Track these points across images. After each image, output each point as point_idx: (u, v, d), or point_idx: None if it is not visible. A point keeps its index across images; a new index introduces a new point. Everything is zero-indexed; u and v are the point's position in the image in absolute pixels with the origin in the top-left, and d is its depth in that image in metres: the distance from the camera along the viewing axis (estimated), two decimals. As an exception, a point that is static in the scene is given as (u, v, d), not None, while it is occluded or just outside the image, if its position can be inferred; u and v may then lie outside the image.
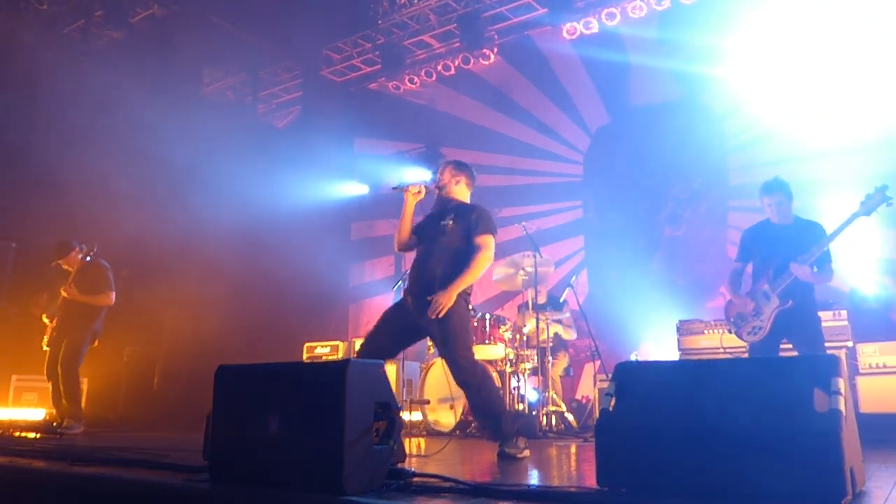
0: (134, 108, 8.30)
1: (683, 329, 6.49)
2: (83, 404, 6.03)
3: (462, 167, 4.52)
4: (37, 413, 6.82)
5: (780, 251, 4.65)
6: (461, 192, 4.64)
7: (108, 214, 7.22)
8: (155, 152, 8.18)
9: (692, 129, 8.47)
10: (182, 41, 9.45)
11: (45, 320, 6.27)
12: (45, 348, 5.88)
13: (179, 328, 8.53)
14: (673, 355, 6.63)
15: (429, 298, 3.88)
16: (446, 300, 3.90)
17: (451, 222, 4.31)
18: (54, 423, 5.69)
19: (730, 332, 4.90)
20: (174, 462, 2.71)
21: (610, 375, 2.22)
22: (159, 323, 8.41)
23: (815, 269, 4.52)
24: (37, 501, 2.48)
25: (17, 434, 4.92)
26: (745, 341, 4.75)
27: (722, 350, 5.93)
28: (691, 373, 2.19)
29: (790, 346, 4.74)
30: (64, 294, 5.96)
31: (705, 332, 6.36)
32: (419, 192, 4.21)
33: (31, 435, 5.09)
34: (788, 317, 4.56)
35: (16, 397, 6.94)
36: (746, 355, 5.00)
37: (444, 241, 4.20)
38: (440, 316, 3.82)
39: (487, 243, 4.26)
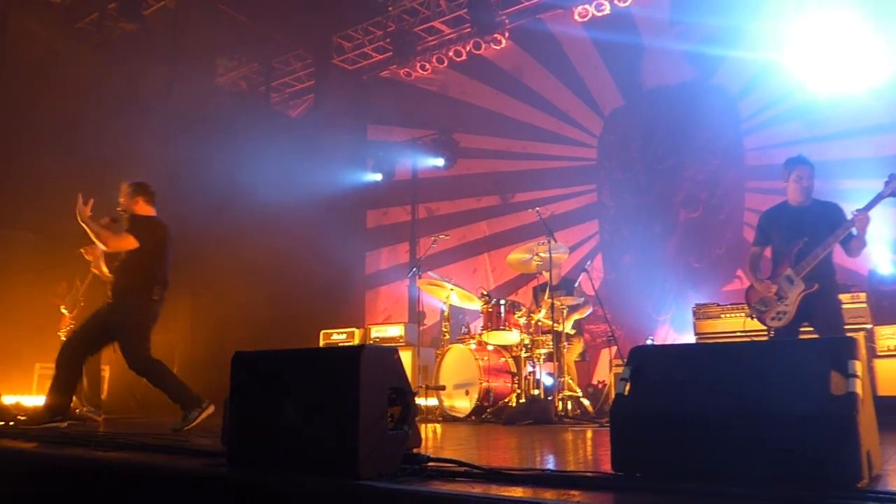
0: (149, 100, 8.35)
1: (700, 313, 6.45)
2: (104, 392, 6.11)
3: (138, 187, 5.17)
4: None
5: (801, 234, 4.59)
6: (141, 209, 5.12)
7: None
8: (170, 143, 8.23)
9: (707, 110, 8.39)
10: (195, 32, 9.47)
11: (64, 311, 6.35)
12: (61, 336, 5.96)
13: (198, 316, 8.61)
14: (689, 340, 6.61)
15: None
16: None
17: None
18: (76, 410, 5.78)
19: (751, 317, 4.86)
20: (194, 447, 2.75)
21: (625, 360, 2.21)
22: (179, 311, 8.48)
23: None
24: (61, 485, 2.53)
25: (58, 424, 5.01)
26: (769, 326, 4.70)
27: (741, 334, 5.90)
28: (707, 356, 2.18)
29: (810, 329, 4.70)
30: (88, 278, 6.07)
31: (722, 316, 6.32)
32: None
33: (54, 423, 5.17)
34: (812, 301, 4.52)
35: (39, 385, 7.04)
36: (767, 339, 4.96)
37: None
38: None
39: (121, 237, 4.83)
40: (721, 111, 8.36)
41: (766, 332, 4.83)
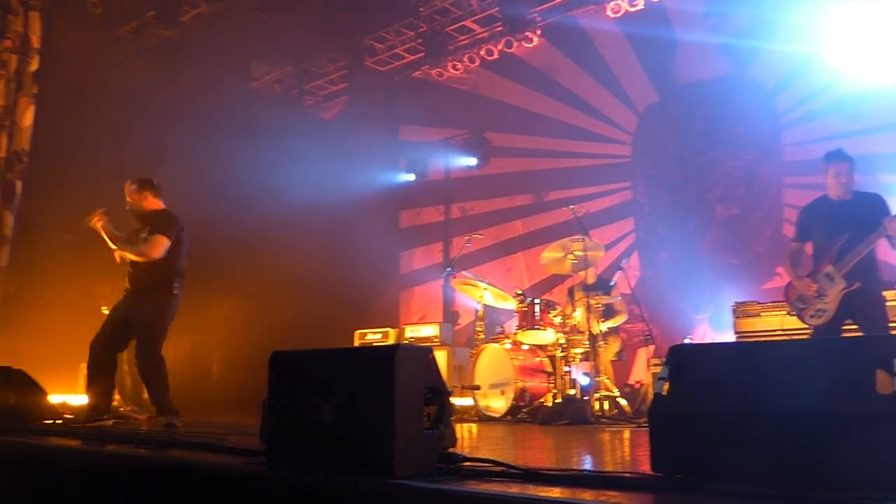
0: (185, 105, 8.51)
1: (739, 311, 6.34)
2: (145, 392, 6.23)
3: (144, 182, 5.19)
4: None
5: (843, 229, 4.49)
6: (151, 203, 5.18)
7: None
8: (206, 147, 8.37)
9: (743, 104, 8.24)
10: (229, 38, 9.62)
11: (105, 311, 6.48)
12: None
13: (237, 318, 8.75)
14: (728, 339, 6.50)
15: None
16: None
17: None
18: (120, 409, 5.92)
19: (790, 314, 4.77)
20: (233, 446, 2.79)
21: (664, 360, 2.18)
22: (218, 313, 8.64)
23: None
24: (105, 482, 2.59)
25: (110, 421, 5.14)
26: (808, 324, 4.60)
27: (781, 332, 5.79)
28: (748, 355, 2.15)
29: (854, 326, 4.59)
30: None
31: (762, 314, 6.20)
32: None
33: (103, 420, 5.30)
34: (854, 298, 4.41)
35: (84, 384, 7.22)
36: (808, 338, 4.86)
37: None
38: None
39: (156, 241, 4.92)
40: (757, 106, 8.21)
41: (808, 331, 4.73)
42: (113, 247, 4.88)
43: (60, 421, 4.68)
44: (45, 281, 6.88)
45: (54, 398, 4.83)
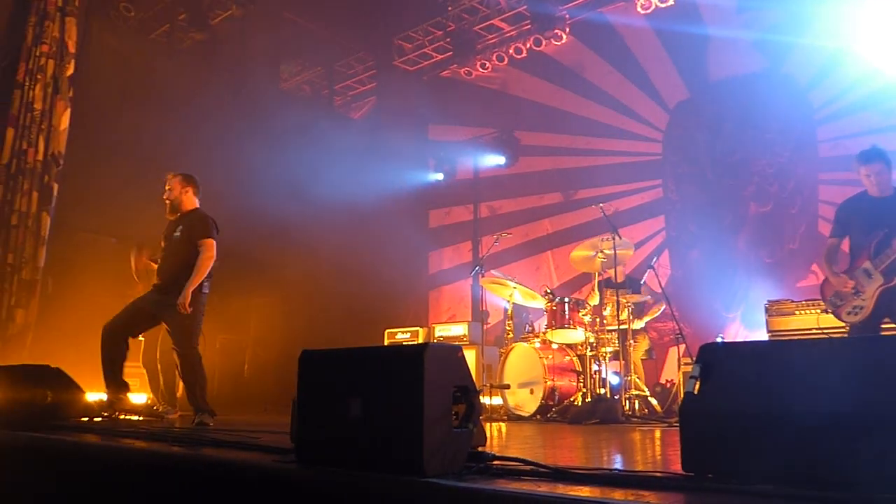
0: (217, 106, 8.63)
1: (772, 310, 6.23)
2: (179, 391, 6.33)
3: (189, 179, 5.19)
4: (139, 397, 7.23)
5: (881, 225, 4.40)
6: (189, 201, 5.18)
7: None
8: (237, 148, 8.48)
9: (776, 100, 8.10)
10: (260, 39, 9.74)
11: None
12: (140, 338, 6.20)
13: (267, 317, 8.84)
14: (761, 338, 6.39)
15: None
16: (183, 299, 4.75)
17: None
18: (154, 407, 6.01)
19: (826, 312, 4.68)
20: (264, 444, 2.82)
21: (694, 358, 2.16)
22: (248, 313, 8.75)
23: None
24: (139, 479, 2.64)
25: (121, 417, 5.23)
26: (845, 322, 4.52)
27: (817, 331, 5.68)
28: (781, 354, 2.11)
29: (893, 325, 4.49)
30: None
31: (796, 312, 6.09)
32: None
33: (134, 418, 5.40)
34: (892, 295, 4.32)
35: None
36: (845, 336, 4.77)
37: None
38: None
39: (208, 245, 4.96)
40: (792, 101, 8.06)
41: (845, 330, 4.64)
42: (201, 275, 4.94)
43: (98, 419, 4.77)
44: (81, 281, 7.02)
45: (91, 396, 4.92)
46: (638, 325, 6.60)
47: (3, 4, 7.31)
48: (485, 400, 6.65)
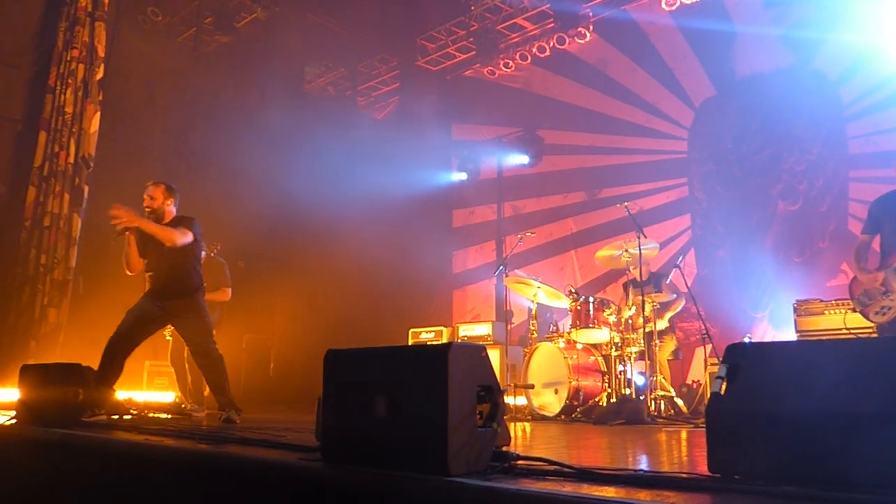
0: (242, 108, 8.72)
1: (801, 310, 6.15)
2: (206, 390, 6.41)
3: (171, 189, 5.09)
4: (167, 396, 7.33)
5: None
6: (170, 212, 5.08)
7: (224, 211, 7.62)
8: (262, 149, 8.57)
9: (805, 97, 7.97)
10: (284, 42, 9.82)
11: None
12: (167, 337, 6.29)
13: (292, 317, 8.92)
14: (790, 338, 6.31)
15: None
16: None
17: None
18: (182, 406, 6.10)
19: (854, 311, 4.60)
20: (289, 442, 2.85)
21: (721, 358, 2.13)
22: (274, 312, 8.83)
23: None
24: (167, 476, 2.68)
25: (150, 415, 5.31)
26: (873, 322, 4.44)
27: (846, 331, 5.58)
28: (812, 354, 2.08)
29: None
30: None
31: (825, 312, 5.99)
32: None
33: (162, 415, 5.48)
34: (922, 295, 4.24)
35: (149, 381, 7.49)
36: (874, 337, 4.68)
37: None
38: None
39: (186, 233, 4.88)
40: (821, 98, 7.93)
41: (872, 331, 4.56)
42: (158, 234, 4.82)
43: (128, 417, 4.85)
44: (110, 281, 7.14)
45: (120, 394, 5.00)
46: (662, 324, 6.53)
47: (35, 10, 7.46)
48: (509, 400, 6.64)
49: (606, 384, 6.28)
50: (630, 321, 6.32)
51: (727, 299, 7.89)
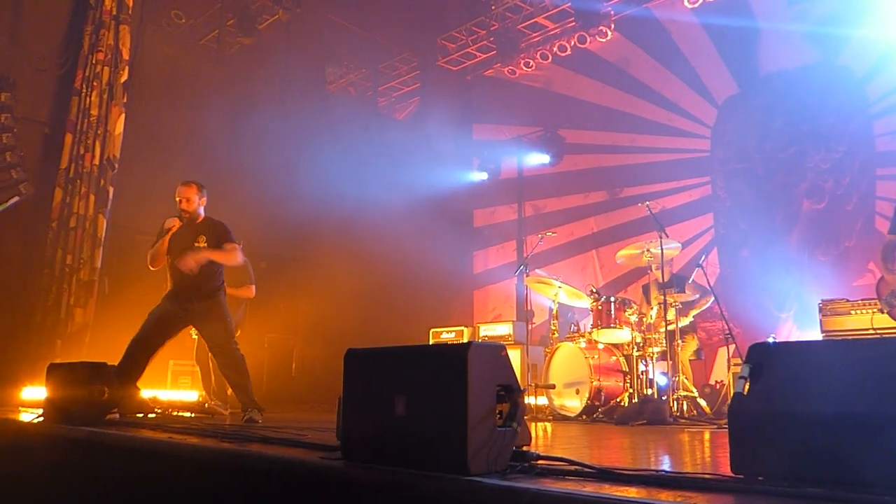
0: (265, 109, 8.79)
1: (827, 310, 6.06)
2: (229, 389, 6.47)
3: (203, 187, 5.13)
4: (191, 395, 7.41)
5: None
6: (201, 211, 5.14)
7: (246, 210, 7.68)
8: (284, 150, 8.63)
9: (831, 94, 7.86)
10: (306, 43, 9.89)
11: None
12: (193, 336, 6.36)
13: (314, 317, 8.97)
14: (815, 338, 6.22)
15: None
16: None
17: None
18: (206, 404, 6.16)
19: (881, 311, 4.53)
20: (311, 441, 2.87)
21: (744, 358, 2.11)
22: (296, 312, 8.89)
23: None
24: (191, 474, 2.71)
25: (174, 413, 5.37)
26: (899, 322, 4.38)
27: (872, 332, 5.49)
28: (837, 354, 2.05)
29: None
30: None
31: (852, 312, 5.90)
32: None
33: (186, 414, 5.54)
34: (951, 294, 4.16)
35: (173, 380, 7.58)
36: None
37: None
38: None
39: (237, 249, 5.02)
40: (847, 95, 7.81)
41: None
42: (216, 259, 4.95)
43: (152, 415, 4.91)
44: (135, 282, 7.23)
45: (146, 393, 5.06)
46: (685, 321, 6.47)
47: (62, 15, 7.58)
48: (530, 400, 6.62)
49: (628, 384, 6.24)
50: (652, 322, 6.27)
51: (751, 299, 7.80)
